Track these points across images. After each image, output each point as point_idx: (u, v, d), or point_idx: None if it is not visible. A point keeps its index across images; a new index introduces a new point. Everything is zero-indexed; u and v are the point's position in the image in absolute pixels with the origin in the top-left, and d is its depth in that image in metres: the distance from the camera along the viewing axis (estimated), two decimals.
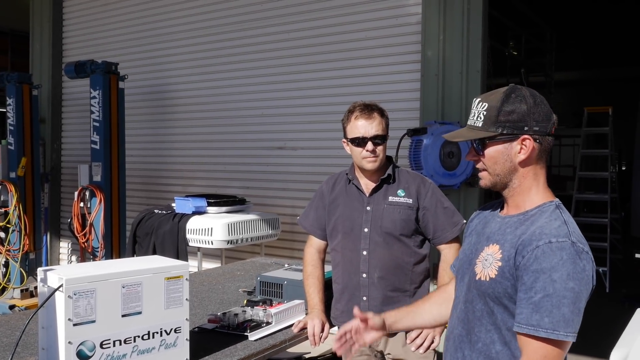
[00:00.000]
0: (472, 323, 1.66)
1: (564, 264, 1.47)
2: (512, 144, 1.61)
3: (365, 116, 2.50)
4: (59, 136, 7.89)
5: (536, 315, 1.46)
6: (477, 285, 1.64)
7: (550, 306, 1.45)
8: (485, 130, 1.62)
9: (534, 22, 8.59)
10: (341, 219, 2.61)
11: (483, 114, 1.63)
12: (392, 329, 1.98)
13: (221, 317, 2.55)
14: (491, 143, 1.63)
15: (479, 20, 4.64)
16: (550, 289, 1.46)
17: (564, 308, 1.45)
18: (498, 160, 1.63)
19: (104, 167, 5.74)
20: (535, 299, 1.47)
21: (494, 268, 1.59)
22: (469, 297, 1.68)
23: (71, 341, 1.83)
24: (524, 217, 1.62)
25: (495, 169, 1.65)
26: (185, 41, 6.58)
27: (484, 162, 1.66)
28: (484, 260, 1.64)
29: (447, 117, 4.69)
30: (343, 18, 5.45)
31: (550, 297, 1.46)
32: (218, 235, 4.83)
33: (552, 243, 1.49)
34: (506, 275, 1.56)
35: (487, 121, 1.61)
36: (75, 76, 6.02)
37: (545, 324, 1.45)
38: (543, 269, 1.47)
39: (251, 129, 6.10)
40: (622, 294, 6.81)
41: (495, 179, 1.66)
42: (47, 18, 7.84)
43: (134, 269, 2.00)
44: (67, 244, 7.76)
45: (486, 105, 1.63)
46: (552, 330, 1.45)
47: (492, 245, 1.64)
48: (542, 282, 1.47)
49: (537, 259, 1.49)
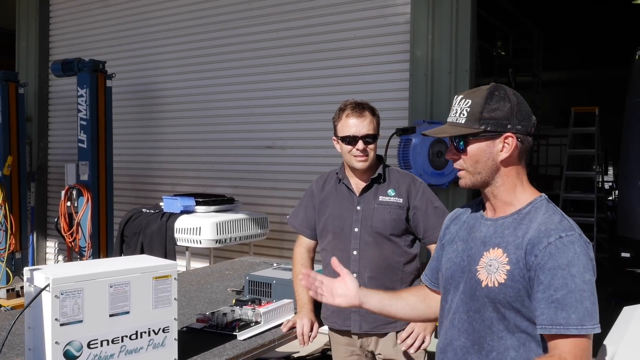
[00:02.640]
0: (481, 332, 1.61)
1: (578, 257, 1.47)
2: (495, 142, 1.59)
3: (357, 115, 2.49)
4: (45, 135, 7.82)
5: (562, 313, 1.45)
6: (486, 293, 1.58)
7: (574, 302, 1.45)
8: (468, 127, 1.59)
9: (521, 22, 8.64)
10: (331, 219, 2.60)
11: (467, 110, 1.60)
12: (362, 304, 1.88)
13: (210, 316, 2.54)
14: (474, 140, 1.60)
15: (468, 20, 4.66)
16: (571, 284, 1.45)
17: (586, 301, 1.45)
18: (480, 159, 1.61)
19: (91, 166, 5.69)
20: (558, 297, 1.46)
21: (501, 272, 1.55)
22: (473, 306, 1.63)
23: (58, 341, 1.81)
24: (519, 215, 1.60)
25: (477, 167, 1.62)
26: (174, 40, 6.55)
27: (465, 161, 1.63)
28: (487, 266, 1.59)
29: (436, 117, 4.71)
30: (331, 17, 5.45)
31: (573, 292, 1.45)
32: (206, 235, 4.81)
33: (562, 238, 1.49)
34: (517, 278, 1.53)
35: (471, 118, 1.59)
36: (62, 74, 5.96)
37: (574, 321, 1.44)
38: (560, 265, 1.47)
39: (240, 128, 6.08)
40: (608, 293, 6.86)
41: (476, 177, 1.63)
42: (33, 16, 7.76)
43: (122, 269, 1.99)
44: (54, 243, 7.69)
45: (469, 102, 1.60)
46: (580, 326, 1.44)
47: (494, 250, 1.60)
48: (562, 279, 1.46)
49: (552, 256, 1.48)
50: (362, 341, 2.58)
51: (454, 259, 1.72)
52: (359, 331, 2.55)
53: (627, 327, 2.01)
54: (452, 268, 1.72)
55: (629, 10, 9.54)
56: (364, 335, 2.57)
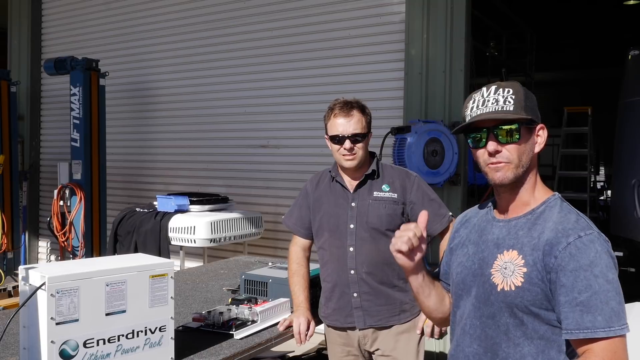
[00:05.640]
0: (496, 339, 1.53)
1: (600, 256, 1.41)
2: (532, 134, 1.53)
3: (344, 114, 2.48)
4: (37, 134, 7.77)
5: (588, 316, 1.38)
6: (502, 297, 1.51)
7: (600, 303, 1.38)
8: (519, 115, 1.49)
9: (514, 22, 8.66)
10: (326, 217, 2.60)
11: (512, 97, 1.50)
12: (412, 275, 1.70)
13: (206, 315, 2.53)
14: (525, 129, 1.51)
15: (462, 19, 4.66)
16: (595, 285, 1.38)
17: (611, 302, 1.38)
18: (526, 150, 1.52)
19: (84, 165, 5.67)
20: (582, 299, 1.39)
21: (518, 275, 1.48)
22: (486, 311, 1.55)
23: (54, 340, 1.79)
24: (532, 216, 1.54)
25: (522, 159, 1.52)
26: (167, 38, 6.52)
27: (511, 152, 1.51)
28: (502, 270, 1.52)
29: (431, 116, 4.71)
30: (327, 16, 5.44)
31: (598, 294, 1.38)
32: (201, 234, 4.79)
33: (582, 237, 1.42)
34: (534, 280, 1.46)
35: (518, 105, 1.49)
36: (55, 73, 5.93)
37: (601, 323, 1.37)
38: (582, 266, 1.40)
39: (234, 127, 6.06)
40: None
41: (519, 170, 1.53)
42: (25, 14, 7.71)
43: (118, 267, 1.98)
44: (46, 243, 7.64)
45: (511, 90, 1.52)
46: (608, 328, 1.37)
47: (508, 252, 1.52)
48: (585, 280, 1.39)
49: (573, 257, 1.41)
50: (361, 339, 2.57)
51: (464, 263, 1.65)
52: (363, 326, 2.54)
53: None
54: (463, 272, 1.65)
55: (621, 10, 9.60)
56: (366, 330, 2.56)
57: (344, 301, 2.55)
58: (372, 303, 2.52)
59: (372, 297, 2.51)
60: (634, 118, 6.51)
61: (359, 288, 2.52)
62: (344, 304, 2.55)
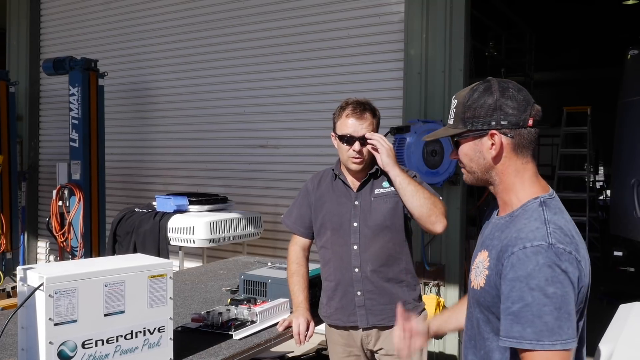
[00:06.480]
0: (473, 330, 1.63)
1: (540, 269, 1.37)
2: (482, 140, 1.55)
3: (357, 115, 2.49)
4: (36, 134, 7.76)
5: (517, 326, 1.38)
6: (472, 293, 1.60)
7: (531, 316, 1.37)
8: (455, 128, 1.59)
9: (514, 22, 8.66)
10: (329, 215, 2.59)
11: (453, 111, 1.60)
12: (438, 333, 1.97)
13: (205, 316, 2.52)
14: (463, 140, 1.59)
15: (462, 19, 4.66)
16: (528, 298, 1.37)
17: (546, 316, 1.36)
18: (472, 158, 1.59)
19: (83, 165, 5.65)
20: (514, 309, 1.39)
21: (482, 277, 1.54)
22: (469, 303, 1.67)
23: (52, 341, 1.79)
24: (510, 218, 1.55)
25: (471, 167, 1.61)
26: (167, 38, 6.51)
27: (461, 159, 1.63)
28: (476, 268, 1.59)
29: (430, 116, 4.70)
30: (325, 16, 5.44)
31: (530, 306, 1.37)
32: (200, 234, 4.78)
33: (526, 248, 1.40)
34: (491, 284, 1.50)
35: (457, 118, 1.59)
36: (54, 73, 5.92)
37: (528, 335, 1.37)
38: (519, 277, 1.39)
39: (233, 127, 6.05)
40: (600, 292, 6.90)
41: (473, 175, 1.62)
42: (24, 14, 7.69)
43: (117, 267, 1.97)
44: (45, 243, 7.63)
45: (456, 102, 1.60)
46: (536, 341, 1.36)
47: (483, 252, 1.58)
48: (519, 291, 1.39)
49: (513, 267, 1.41)
50: (364, 338, 2.57)
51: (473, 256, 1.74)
52: (366, 325, 2.53)
53: (625, 325, 2.01)
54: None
55: (620, 10, 9.60)
56: (370, 330, 2.56)
57: (347, 300, 2.54)
58: (376, 302, 2.51)
59: (375, 296, 2.51)
60: (633, 118, 6.52)
61: (363, 286, 2.51)
62: (347, 303, 2.54)
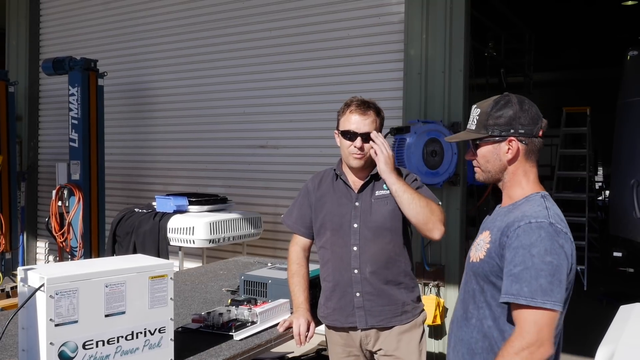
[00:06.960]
0: (467, 302, 1.88)
1: (542, 240, 1.66)
2: (501, 144, 1.85)
3: (360, 112, 2.51)
4: (36, 134, 7.75)
5: (516, 285, 1.65)
6: (471, 267, 1.88)
7: (529, 277, 1.63)
8: (477, 132, 1.88)
9: (513, 23, 8.67)
10: (329, 216, 2.59)
11: (476, 118, 1.89)
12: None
13: (205, 316, 2.52)
14: (483, 143, 1.88)
15: (462, 19, 4.66)
16: (529, 262, 1.64)
17: (541, 279, 1.62)
18: (489, 159, 1.88)
19: (83, 165, 5.65)
20: (515, 271, 1.66)
21: (483, 250, 1.82)
22: (465, 279, 1.93)
23: (53, 342, 1.79)
24: (513, 206, 1.84)
25: (487, 167, 1.90)
26: (167, 38, 6.51)
27: (478, 160, 1.92)
28: (477, 245, 1.88)
29: (430, 116, 4.70)
30: (326, 16, 5.44)
31: (529, 269, 1.64)
32: (200, 235, 4.78)
33: (531, 223, 1.69)
34: (492, 254, 1.77)
35: (479, 124, 1.88)
36: (54, 73, 5.92)
37: (525, 293, 1.63)
38: (523, 245, 1.67)
39: (233, 127, 6.05)
40: (599, 292, 6.91)
41: (487, 174, 1.92)
42: (23, 13, 7.69)
43: (118, 268, 1.97)
44: (45, 243, 7.62)
45: (479, 110, 1.89)
46: (530, 298, 1.62)
47: (484, 232, 1.88)
48: (521, 256, 1.66)
49: (518, 237, 1.69)
50: (364, 338, 2.57)
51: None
52: (365, 326, 2.53)
53: (625, 326, 2.01)
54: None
55: (619, 11, 9.61)
56: (369, 330, 2.56)
57: (345, 301, 2.54)
58: (375, 303, 2.51)
59: (374, 297, 2.50)
60: (632, 118, 6.53)
61: (362, 288, 2.51)
62: (345, 304, 2.54)
